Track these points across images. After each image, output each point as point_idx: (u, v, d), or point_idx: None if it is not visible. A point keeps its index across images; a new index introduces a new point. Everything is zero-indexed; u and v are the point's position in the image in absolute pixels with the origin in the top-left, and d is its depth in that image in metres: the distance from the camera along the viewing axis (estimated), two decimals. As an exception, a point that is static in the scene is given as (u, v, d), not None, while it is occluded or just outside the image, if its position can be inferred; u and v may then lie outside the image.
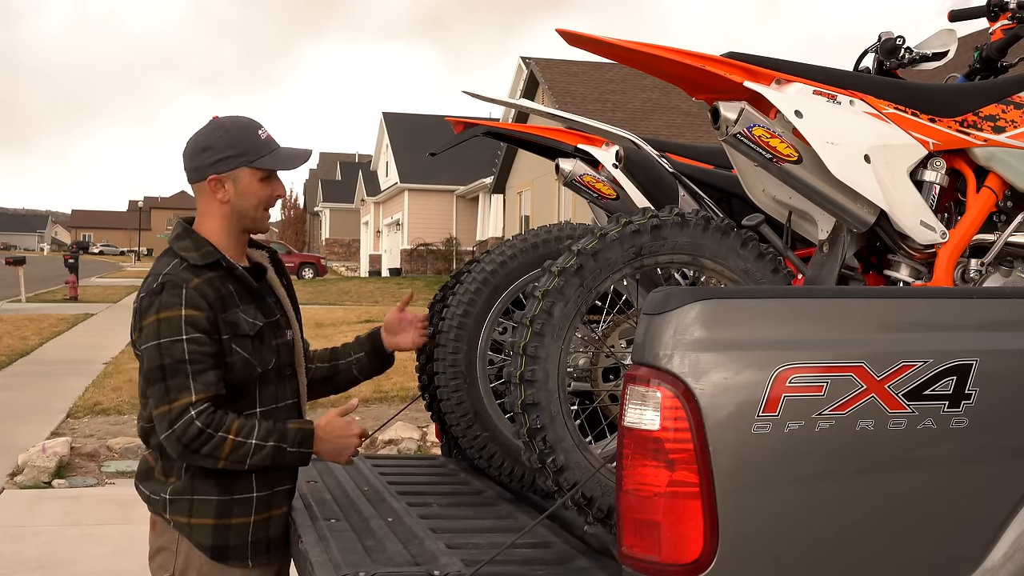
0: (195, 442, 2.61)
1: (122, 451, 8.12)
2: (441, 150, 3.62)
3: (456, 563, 2.29)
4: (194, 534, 2.74)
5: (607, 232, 2.33)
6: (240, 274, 2.78)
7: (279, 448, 2.70)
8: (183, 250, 2.74)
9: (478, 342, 3.02)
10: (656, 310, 1.87)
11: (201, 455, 2.64)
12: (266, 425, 2.71)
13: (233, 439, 2.64)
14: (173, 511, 2.75)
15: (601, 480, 2.30)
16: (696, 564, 1.82)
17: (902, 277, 2.60)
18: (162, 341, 2.63)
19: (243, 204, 2.79)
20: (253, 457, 2.67)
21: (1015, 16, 3.03)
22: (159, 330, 2.64)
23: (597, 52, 2.46)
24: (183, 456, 2.65)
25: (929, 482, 1.91)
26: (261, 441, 2.68)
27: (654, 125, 26.05)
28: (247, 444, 2.66)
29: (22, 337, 16.03)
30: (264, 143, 2.79)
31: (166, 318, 2.64)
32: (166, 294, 2.65)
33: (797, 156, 2.40)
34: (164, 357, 2.63)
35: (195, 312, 2.64)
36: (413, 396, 4.20)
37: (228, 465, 2.67)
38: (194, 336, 2.63)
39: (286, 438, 2.72)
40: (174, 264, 2.72)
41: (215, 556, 2.74)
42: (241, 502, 2.76)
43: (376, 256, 45.73)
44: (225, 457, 2.65)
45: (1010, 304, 2.08)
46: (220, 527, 2.74)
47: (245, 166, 2.76)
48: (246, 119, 2.83)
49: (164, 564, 2.80)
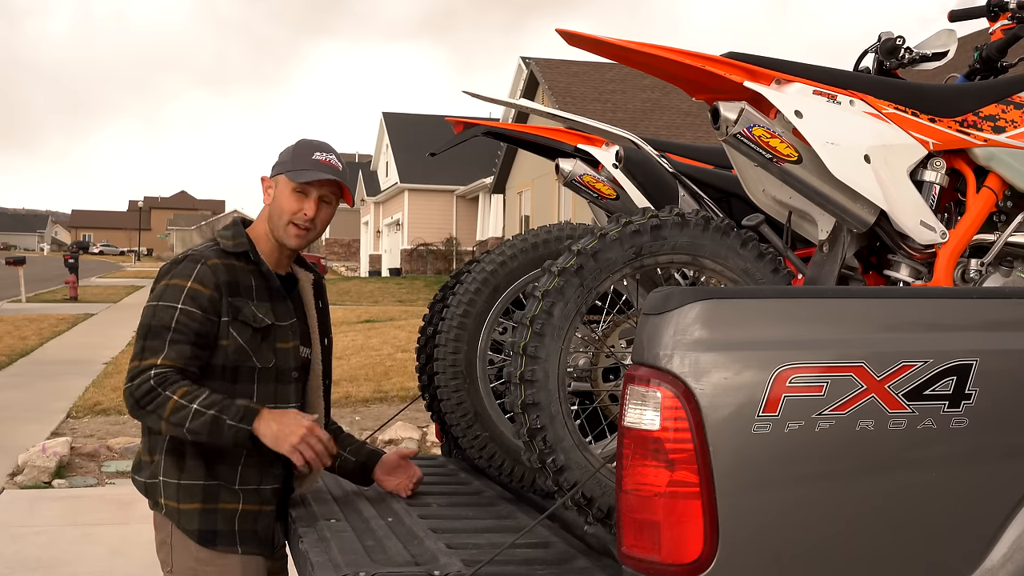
0: (145, 398, 2.68)
1: (122, 451, 8.12)
2: (441, 150, 3.62)
3: (456, 563, 2.29)
4: (183, 520, 2.77)
5: (607, 232, 2.33)
6: (265, 271, 2.87)
7: (218, 419, 2.67)
8: (222, 236, 2.90)
9: (478, 342, 3.02)
10: (656, 310, 1.87)
11: (146, 411, 2.69)
12: (216, 396, 2.69)
13: (176, 400, 2.67)
14: (165, 495, 2.79)
15: (601, 480, 2.30)
16: (696, 564, 1.82)
17: (902, 277, 2.60)
18: (159, 303, 2.75)
19: (274, 211, 2.90)
20: (192, 421, 2.66)
21: (1015, 16, 3.03)
22: (162, 293, 2.76)
23: (597, 52, 2.46)
24: (132, 411, 2.72)
25: (929, 482, 1.91)
26: (203, 408, 2.67)
27: (654, 125, 26.05)
28: (188, 408, 2.66)
29: (22, 337, 16.03)
30: (310, 162, 2.86)
31: (172, 284, 2.76)
32: (183, 264, 2.79)
33: (797, 156, 2.40)
34: (154, 318, 2.74)
35: (200, 288, 2.74)
36: (413, 396, 4.20)
37: (168, 427, 2.69)
38: (188, 310, 2.73)
39: (228, 411, 2.68)
40: (206, 244, 2.88)
41: (203, 541, 2.77)
42: (228, 490, 2.79)
43: (376, 256, 45.73)
44: (166, 418, 2.67)
45: (1010, 304, 2.08)
46: (207, 511, 2.77)
47: (283, 173, 2.87)
48: (318, 142, 2.94)
49: (164, 559, 2.84)
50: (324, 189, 2.87)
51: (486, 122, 3.52)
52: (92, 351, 14.57)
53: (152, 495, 2.84)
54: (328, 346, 3.09)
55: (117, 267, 66.56)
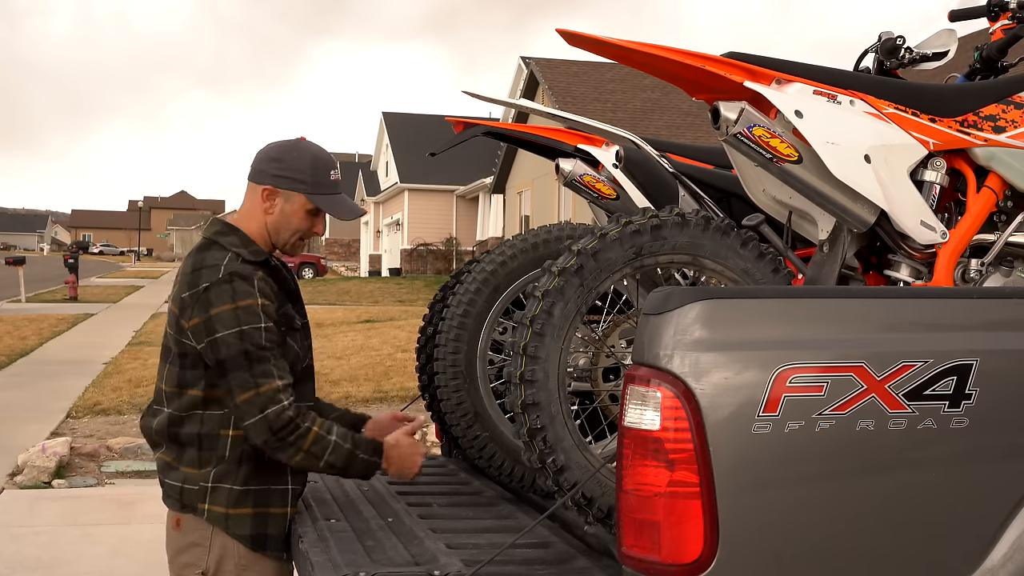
0: (284, 430, 2.65)
1: (122, 451, 8.12)
2: (441, 150, 3.62)
3: (456, 563, 2.29)
4: (232, 524, 2.75)
5: (607, 232, 2.33)
6: (283, 275, 2.88)
7: (353, 452, 2.75)
8: (232, 245, 2.78)
9: (478, 342, 3.02)
10: (656, 310, 1.87)
11: (287, 443, 2.67)
12: (341, 428, 2.78)
13: (317, 432, 2.69)
14: (212, 501, 2.75)
15: (601, 480, 2.30)
16: (696, 564, 1.82)
17: (902, 277, 2.60)
18: (244, 328, 2.66)
19: (282, 224, 2.84)
20: (331, 454, 2.71)
21: (1015, 16, 3.03)
22: (239, 318, 2.66)
23: (597, 52, 2.45)
24: (268, 443, 2.67)
25: (929, 482, 1.91)
26: (340, 440, 2.73)
27: (654, 125, 26.05)
28: (327, 439, 2.70)
29: (22, 337, 16.04)
30: (330, 184, 2.85)
31: (244, 306, 2.67)
32: (238, 283, 2.69)
33: (797, 156, 2.40)
34: (245, 343, 2.65)
35: (267, 301, 2.72)
36: (413, 396, 4.20)
37: (304, 459, 2.69)
38: (269, 325, 2.70)
39: (360, 445, 2.78)
40: (230, 257, 2.74)
41: (255, 545, 2.76)
42: (279, 492, 2.80)
43: (376, 256, 45.73)
44: (307, 449, 2.68)
45: (1010, 304, 2.08)
46: (259, 516, 2.77)
47: (304, 193, 2.82)
48: (327, 155, 2.90)
49: (195, 561, 2.77)
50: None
51: (486, 122, 3.52)
52: (92, 351, 14.57)
53: (191, 500, 2.77)
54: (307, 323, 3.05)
55: (117, 267, 66.56)
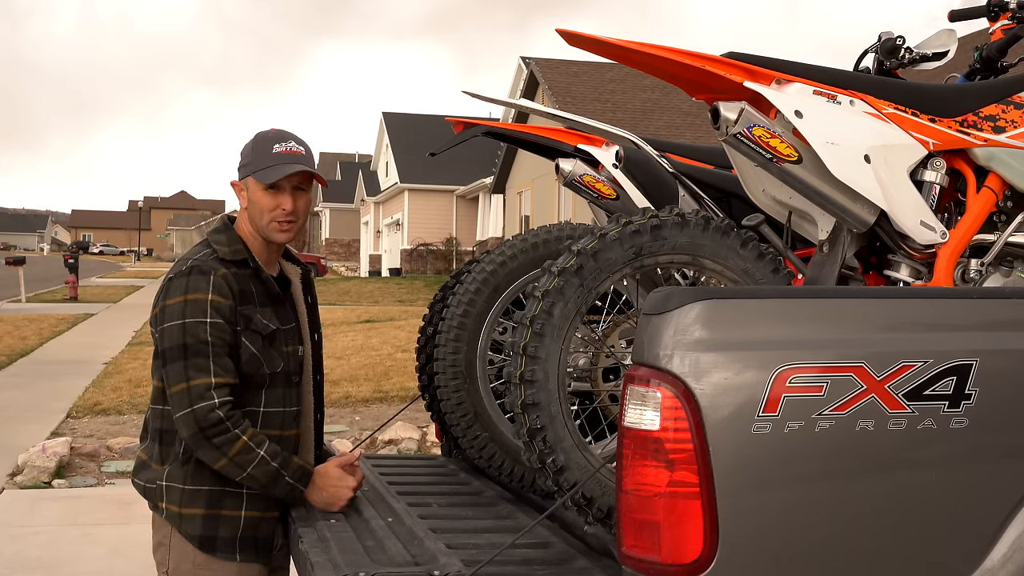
0: (211, 429, 2.66)
1: (122, 451, 8.12)
2: (441, 150, 3.62)
3: (456, 563, 2.29)
4: (184, 524, 2.78)
5: (607, 232, 2.33)
6: (264, 277, 2.87)
7: (279, 473, 2.75)
8: (217, 243, 2.85)
9: (478, 342, 3.02)
10: (656, 310, 1.87)
11: (211, 444, 2.67)
12: (275, 446, 2.76)
13: (246, 441, 2.69)
14: (167, 499, 2.79)
15: (601, 480, 2.30)
16: (696, 564, 1.82)
17: (902, 277, 2.60)
18: (187, 321, 2.70)
19: (253, 212, 2.88)
20: (256, 468, 2.71)
21: (1015, 16, 3.03)
22: (184, 310, 2.71)
23: (597, 52, 2.45)
24: (193, 439, 2.68)
25: (929, 482, 1.91)
26: (269, 456, 2.72)
27: (654, 125, 26.04)
28: (255, 453, 2.70)
29: (22, 337, 16.03)
30: (272, 156, 2.84)
31: (193, 299, 2.72)
32: (194, 277, 2.74)
33: (797, 156, 2.40)
34: (187, 336, 2.69)
35: (220, 299, 2.73)
36: (413, 396, 4.20)
37: (227, 466, 2.70)
38: (217, 321, 2.71)
39: (288, 467, 2.77)
40: (205, 253, 2.82)
41: (203, 546, 2.77)
42: (233, 495, 2.80)
43: (376, 256, 45.72)
44: (231, 456, 2.68)
45: (1010, 304, 2.08)
46: (210, 517, 2.78)
47: (251, 175, 2.86)
48: (276, 132, 2.91)
49: (161, 560, 2.85)
50: (295, 179, 2.87)
51: (486, 122, 3.52)
52: (92, 351, 14.57)
53: (152, 498, 2.84)
54: (319, 341, 3.09)
55: (117, 267, 66.55)
